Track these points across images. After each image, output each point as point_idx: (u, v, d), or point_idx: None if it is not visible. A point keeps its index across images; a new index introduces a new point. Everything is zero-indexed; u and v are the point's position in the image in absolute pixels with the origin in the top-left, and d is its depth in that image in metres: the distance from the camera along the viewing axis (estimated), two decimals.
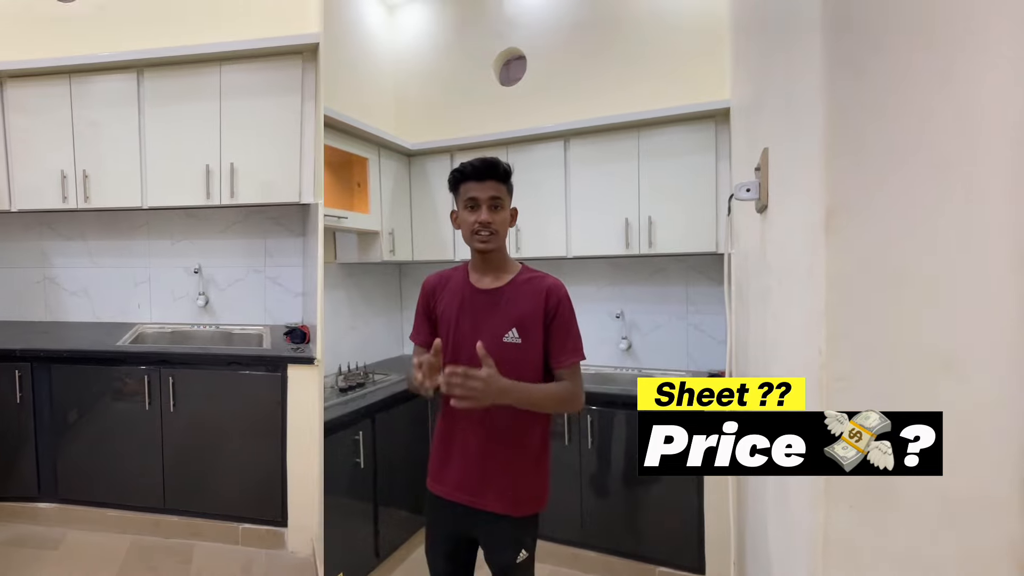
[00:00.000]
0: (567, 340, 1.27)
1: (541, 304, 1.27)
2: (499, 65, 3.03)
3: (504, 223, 1.29)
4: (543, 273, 1.34)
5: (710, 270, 2.56)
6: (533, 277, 1.32)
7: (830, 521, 0.53)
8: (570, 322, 1.28)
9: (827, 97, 0.52)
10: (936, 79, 0.49)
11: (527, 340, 1.26)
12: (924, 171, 0.49)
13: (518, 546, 1.28)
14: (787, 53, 0.75)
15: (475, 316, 1.31)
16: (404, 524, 2.35)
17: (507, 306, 1.29)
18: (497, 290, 1.31)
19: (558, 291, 1.29)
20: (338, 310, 2.75)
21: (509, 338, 1.26)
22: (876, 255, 0.51)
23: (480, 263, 1.33)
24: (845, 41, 0.52)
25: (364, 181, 2.57)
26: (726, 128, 2.22)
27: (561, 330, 1.27)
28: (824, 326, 0.53)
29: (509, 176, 1.30)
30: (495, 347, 1.23)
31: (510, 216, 1.32)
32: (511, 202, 1.32)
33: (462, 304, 1.33)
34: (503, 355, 1.21)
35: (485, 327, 1.28)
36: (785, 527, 0.77)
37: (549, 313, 1.27)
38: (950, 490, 0.50)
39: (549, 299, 1.27)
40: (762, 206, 0.98)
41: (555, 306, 1.27)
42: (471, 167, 1.26)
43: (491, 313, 1.30)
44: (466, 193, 1.27)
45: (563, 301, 1.28)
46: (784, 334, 0.80)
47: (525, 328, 1.27)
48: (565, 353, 1.26)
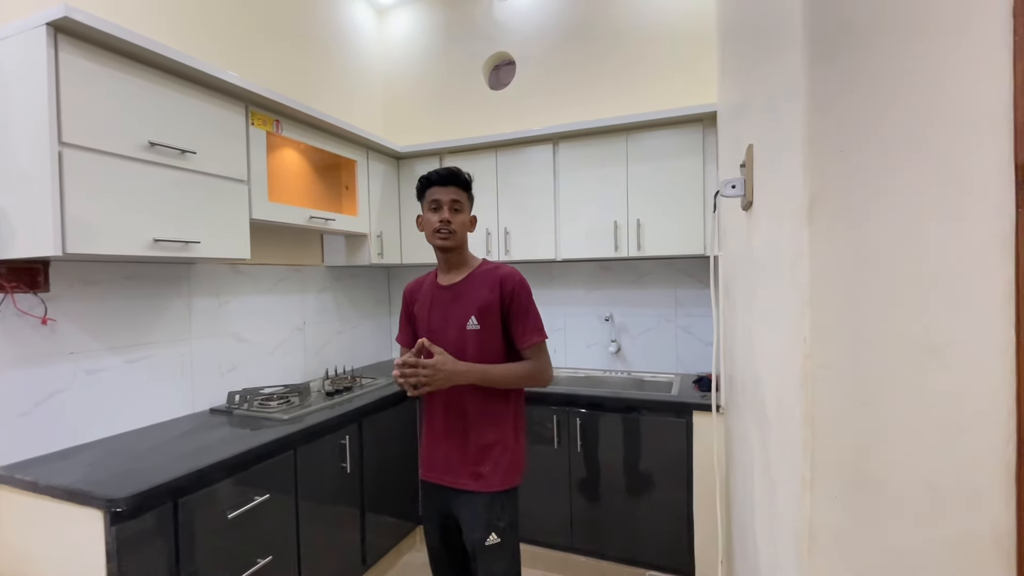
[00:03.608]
0: (527, 321, 1.40)
1: (496, 291, 1.40)
2: (488, 69, 3.04)
3: (463, 225, 1.44)
4: (499, 263, 1.49)
5: (699, 273, 2.57)
6: (489, 268, 1.46)
7: (815, 512, 0.53)
8: (527, 305, 1.41)
9: (808, 84, 0.52)
10: (918, 68, 0.50)
11: (485, 325, 1.39)
12: (907, 159, 0.50)
13: (488, 528, 1.36)
14: (771, 49, 0.75)
15: (443, 310, 1.46)
16: (392, 530, 2.32)
17: (467, 297, 1.43)
18: (458, 284, 1.46)
19: (512, 278, 1.41)
20: (325, 314, 2.72)
21: (471, 325, 1.40)
22: (859, 243, 0.51)
23: (444, 263, 1.49)
24: (825, 30, 0.52)
25: (352, 183, 2.55)
26: (713, 131, 2.25)
27: (520, 313, 1.40)
28: (808, 315, 0.53)
29: (470, 185, 1.47)
30: (460, 334, 1.41)
31: (469, 221, 1.47)
32: (471, 209, 1.50)
33: (432, 301, 1.49)
34: (467, 341, 1.40)
35: (451, 318, 1.43)
36: (772, 521, 0.76)
37: (505, 299, 1.40)
38: (934, 479, 0.50)
39: (504, 286, 1.40)
40: (747, 203, 0.98)
41: (510, 292, 1.40)
42: (437, 174, 1.43)
43: (455, 305, 1.44)
44: (431, 196, 1.43)
45: (517, 287, 1.40)
46: (770, 329, 0.80)
47: (483, 315, 1.40)
48: (527, 334, 1.39)
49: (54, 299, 1.56)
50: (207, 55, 2.03)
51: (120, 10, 1.77)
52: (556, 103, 2.82)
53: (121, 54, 1.48)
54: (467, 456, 1.40)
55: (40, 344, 1.54)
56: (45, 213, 1.31)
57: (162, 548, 1.32)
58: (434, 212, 1.43)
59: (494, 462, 1.39)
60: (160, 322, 1.89)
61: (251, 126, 1.91)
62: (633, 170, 2.38)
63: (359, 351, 2.98)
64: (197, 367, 2.02)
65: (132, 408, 1.78)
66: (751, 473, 1.02)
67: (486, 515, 1.37)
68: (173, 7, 1.97)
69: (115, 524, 1.23)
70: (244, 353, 2.23)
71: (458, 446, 1.42)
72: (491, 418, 1.41)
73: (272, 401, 2.05)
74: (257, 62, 2.33)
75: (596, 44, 2.74)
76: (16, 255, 1.37)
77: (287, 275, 2.48)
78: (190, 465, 1.42)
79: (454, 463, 1.42)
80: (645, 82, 2.65)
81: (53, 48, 1.32)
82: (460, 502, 1.41)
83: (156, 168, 1.56)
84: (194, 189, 1.67)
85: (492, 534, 1.35)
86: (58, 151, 1.32)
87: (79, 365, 1.63)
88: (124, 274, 1.77)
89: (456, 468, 1.42)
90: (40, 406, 1.53)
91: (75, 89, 1.36)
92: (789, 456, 0.63)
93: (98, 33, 1.38)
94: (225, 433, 1.73)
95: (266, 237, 2.31)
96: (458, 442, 1.42)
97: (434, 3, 3.11)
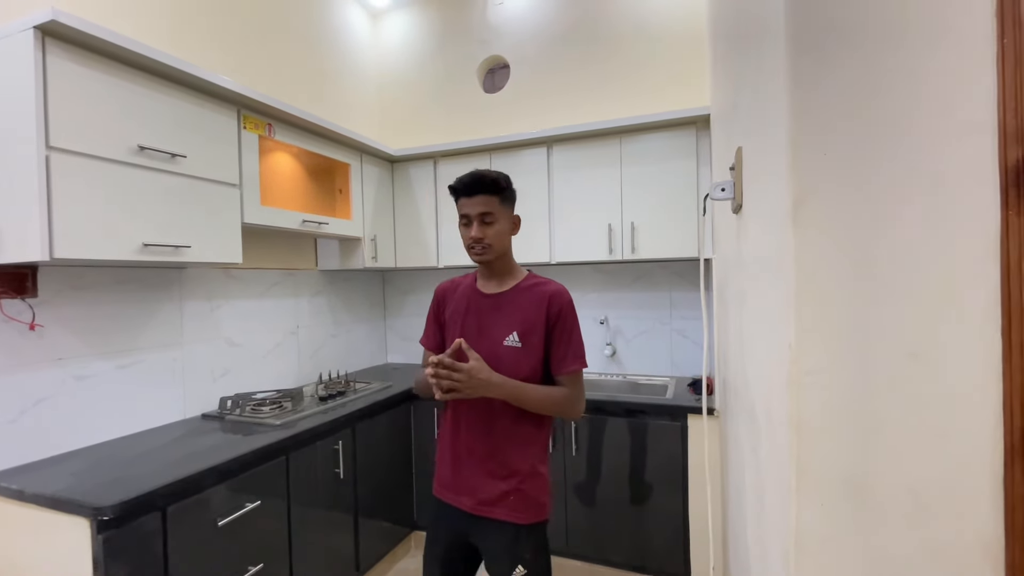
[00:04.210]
0: (569, 346, 1.28)
1: (543, 311, 1.28)
2: (483, 72, 3.04)
3: (498, 235, 1.29)
4: (547, 279, 1.35)
5: (693, 275, 2.57)
6: (537, 283, 1.34)
7: (802, 518, 0.52)
8: (572, 330, 1.29)
9: (792, 87, 0.52)
10: (900, 69, 0.49)
11: (527, 345, 1.28)
12: (891, 161, 0.49)
13: (515, 560, 1.25)
14: (758, 53, 0.75)
15: (479, 319, 1.33)
16: (385, 535, 2.30)
17: (509, 310, 1.31)
18: (501, 295, 1.34)
19: (561, 297, 1.30)
20: (319, 318, 2.71)
21: (509, 341, 1.29)
22: (844, 246, 0.51)
23: (485, 270, 1.37)
24: (808, 31, 0.52)
25: (346, 187, 2.55)
26: (707, 134, 2.25)
27: (563, 336, 1.28)
28: (793, 321, 0.53)
29: (500, 187, 1.29)
30: (495, 349, 1.29)
31: (511, 225, 1.33)
32: (511, 210, 1.33)
33: (468, 307, 1.36)
34: (502, 357, 1.27)
35: (488, 329, 1.31)
36: (761, 526, 0.75)
37: (551, 320, 1.28)
38: (919, 485, 0.50)
39: (551, 306, 1.28)
40: (737, 205, 0.98)
41: (556, 313, 1.28)
42: (461, 184, 1.29)
43: (494, 316, 1.32)
44: (460, 210, 1.30)
45: (565, 308, 1.29)
46: (758, 333, 0.79)
47: (525, 333, 1.28)
48: (566, 360, 1.27)
49: (42, 304, 1.55)
50: (199, 58, 2.02)
51: (110, 13, 1.76)
52: (550, 106, 2.82)
53: (110, 57, 1.47)
54: (492, 481, 1.27)
55: (28, 350, 1.52)
56: (32, 217, 1.30)
57: (150, 557, 1.31)
58: (465, 228, 1.30)
59: (522, 491, 1.26)
60: (151, 327, 1.87)
61: (243, 130, 1.90)
62: (627, 173, 2.38)
63: (353, 355, 2.96)
64: (189, 372, 2.00)
65: (122, 414, 1.76)
66: (743, 477, 1.02)
67: (511, 547, 1.25)
68: (164, 10, 1.96)
69: (102, 532, 1.21)
70: (237, 358, 2.21)
71: (482, 468, 1.29)
72: (521, 441, 1.28)
73: (264, 406, 2.03)
74: (250, 65, 2.32)
75: (590, 47, 2.75)
76: (3, 260, 1.36)
77: (280, 279, 2.46)
78: (180, 472, 1.41)
79: (476, 486, 1.29)
80: (639, 85, 2.65)
81: (41, 52, 1.31)
82: (480, 530, 1.29)
83: (146, 172, 1.54)
84: (185, 193, 1.66)
85: (519, 567, 1.23)
86: (45, 155, 1.31)
87: (68, 371, 1.62)
88: (114, 278, 1.75)
89: (478, 492, 1.28)
90: (27, 413, 1.52)
91: (63, 93, 1.35)
92: (777, 461, 0.62)
93: (86, 36, 1.37)
94: (217, 439, 1.72)
95: (259, 241, 2.30)
96: (482, 464, 1.29)
97: (428, 6, 3.11)
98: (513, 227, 1.34)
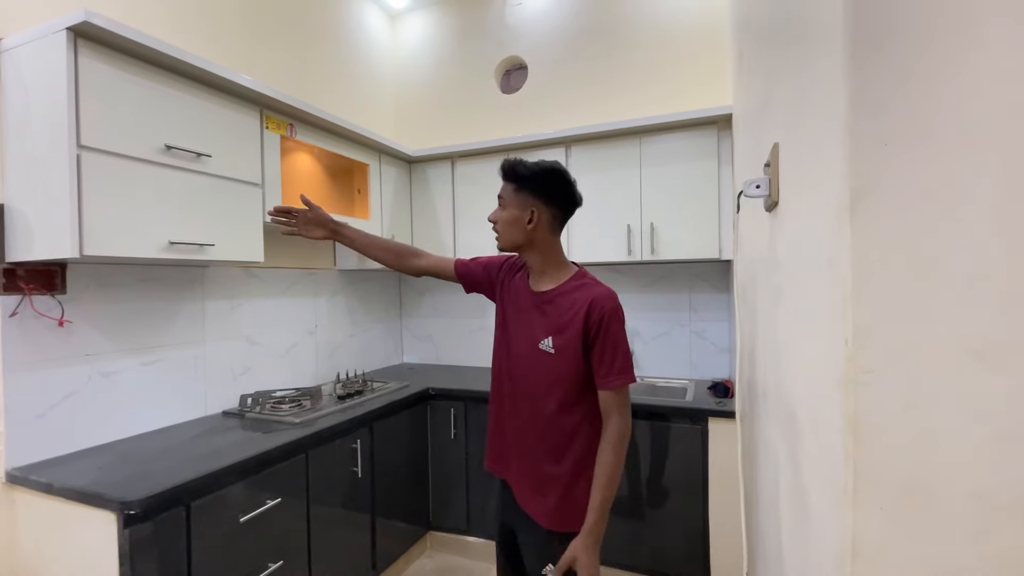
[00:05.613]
0: (614, 360, 1.17)
1: (581, 316, 1.18)
2: (500, 74, 3.04)
3: (506, 222, 1.25)
4: (594, 282, 1.25)
5: (713, 277, 2.54)
6: (581, 286, 1.24)
7: (859, 525, 0.50)
8: (617, 339, 1.18)
9: (850, 76, 0.50)
10: (969, 60, 0.47)
11: (560, 352, 1.20)
12: (956, 152, 0.47)
13: (544, 559, 1.23)
14: (800, 45, 0.73)
15: (526, 316, 1.29)
16: (402, 535, 2.30)
17: (549, 312, 1.24)
18: (542, 294, 1.27)
19: (603, 304, 1.18)
20: (337, 317, 2.72)
21: (544, 345, 1.24)
22: (904, 240, 0.49)
23: (529, 265, 1.32)
24: (869, 22, 0.50)
25: (365, 187, 2.56)
26: (728, 134, 2.22)
27: (607, 348, 1.17)
28: (851, 317, 0.51)
29: (514, 174, 1.25)
30: (531, 352, 1.25)
31: (523, 214, 1.23)
32: (528, 200, 1.24)
33: (517, 300, 1.33)
34: (537, 361, 1.24)
35: (528, 329, 1.28)
36: (803, 536, 0.73)
37: (591, 328, 1.18)
38: (986, 490, 0.47)
39: (591, 314, 1.18)
40: (772, 203, 0.95)
41: (598, 321, 1.17)
42: (500, 168, 1.29)
43: (535, 315, 1.27)
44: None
45: (608, 316, 1.17)
46: (799, 331, 0.77)
47: (559, 339, 1.20)
48: (611, 375, 1.17)
49: (71, 301, 1.57)
50: (221, 59, 2.05)
51: (136, 15, 1.79)
52: (568, 106, 2.81)
53: (139, 58, 1.49)
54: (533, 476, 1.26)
55: (56, 346, 1.54)
56: (63, 215, 1.32)
57: (175, 551, 1.31)
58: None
59: (563, 498, 1.22)
60: (174, 325, 1.89)
61: (266, 130, 1.92)
62: (647, 173, 2.36)
63: (371, 355, 2.97)
64: (210, 370, 2.02)
65: (145, 410, 1.78)
66: (776, 483, 0.99)
67: (542, 547, 1.24)
68: (187, 11, 1.99)
69: (128, 526, 1.22)
70: (256, 356, 2.23)
71: (525, 460, 1.28)
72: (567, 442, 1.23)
73: (284, 404, 2.04)
74: (270, 67, 2.34)
75: (608, 48, 2.73)
76: (34, 257, 1.38)
77: (299, 278, 2.48)
78: (203, 468, 1.41)
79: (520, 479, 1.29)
80: (658, 85, 2.63)
81: (73, 53, 1.33)
82: (519, 519, 1.30)
83: (172, 171, 1.56)
84: (209, 192, 1.68)
85: (549, 564, 1.21)
86: (76, 154, 1.33)
87: (94, 367, 1.64)
88: (139, 277, 1.77)
89: (520, 480, 1.29)
90: (56, 408, 1.54)
91: (94, 93, 1.37)
92: (826, 465, 0.60)
93: (117, 38, 1.39)
94: (237, 436, 1.73)
95: (279, 240, 2.31)
96: (526, 456, 1.27)
97: (446, 8, 3.12)
98: (529, 218, 1.23)
